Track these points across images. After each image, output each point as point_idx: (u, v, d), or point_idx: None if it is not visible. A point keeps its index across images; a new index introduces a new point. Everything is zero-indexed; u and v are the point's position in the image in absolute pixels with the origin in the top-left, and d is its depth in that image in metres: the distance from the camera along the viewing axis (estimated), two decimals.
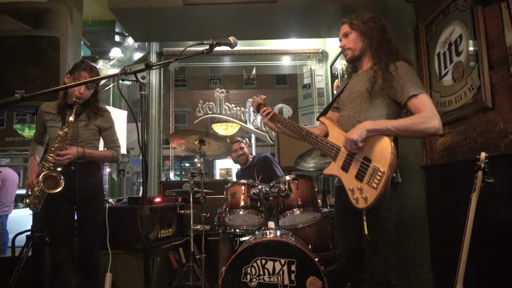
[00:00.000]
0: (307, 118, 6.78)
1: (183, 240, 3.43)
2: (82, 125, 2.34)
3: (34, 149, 2.42)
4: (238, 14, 3.80)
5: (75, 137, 2.30)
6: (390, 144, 1.58)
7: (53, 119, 2.33)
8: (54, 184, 2.14)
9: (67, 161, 2.22)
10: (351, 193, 1.67)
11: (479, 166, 1.75)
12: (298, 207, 2.51)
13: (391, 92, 1.71)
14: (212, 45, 1.68)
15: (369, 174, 1.61)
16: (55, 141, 2.19)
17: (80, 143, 2.31)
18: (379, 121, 1.66)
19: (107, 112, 2.49)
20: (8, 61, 2.56)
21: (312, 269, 2.12)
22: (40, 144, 2.46)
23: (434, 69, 2.92)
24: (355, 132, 1.63)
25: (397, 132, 1.62)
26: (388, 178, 1.55)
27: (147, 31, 4.29)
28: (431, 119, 1.58)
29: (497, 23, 2.19)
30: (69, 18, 2.81)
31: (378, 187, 1.56)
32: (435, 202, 2.95)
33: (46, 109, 2.37)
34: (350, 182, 1.69)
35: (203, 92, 13.53)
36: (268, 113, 2.10)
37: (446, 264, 2.79)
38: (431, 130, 1.59)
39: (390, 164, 1.55)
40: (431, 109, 1.61)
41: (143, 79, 1.55)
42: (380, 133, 1.63)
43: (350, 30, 1.87)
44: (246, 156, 3.80)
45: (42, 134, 2.44)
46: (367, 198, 1.60)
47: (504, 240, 2.11)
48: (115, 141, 2.51)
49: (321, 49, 5.80)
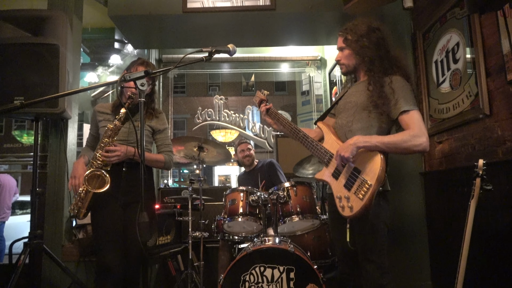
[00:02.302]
0: (305, 124, 6.78)
1: (181, 247, 3.40)
2: (135, 125, 2.20)
3: (84, 150, 2.34)
4: (237, 21, 3.82)
5: (127, 136, 2.21)
6: (380, 159, 1.63)
7: (107, 119, 2.26)
8: (100, 184, 2.03)
9: (115, 158, 2.07)
10: (338, 201, 1.73)
11: (477, 173, 1.76)
12: (297, 214, 2.51)
13: (384, 107, 1.75)
14: (211, 53, 1.70)
15: (357, 184, 1.66)
16: (105, 136, 2.08)
17: (132, 143, 2.19)
18: (369, 137, 1.70)
19: (162, 114, 2.41)
20: (7, 68, 2.56)
21: (311, 277, 2.11)
22: (92, 149, 2.31)
23: (432, 76, 2.94)
24: (347, 150, 1.67)
25: (386, 148, 1.66)
26: (374, 191, 1.60)
27: (147, 39, 4.31)
28: (418, 137, 1.63)
29: (493, 31, 2.21)
30: (69, 26, 2.82)
31: (364, 198, 1.61)
32: (433, 209, 2.95)
33: (100, 109, 2.32)
34: (338, 190, 1.75)
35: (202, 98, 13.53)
36: (266, 109, 2.16)
37: (445, 271, 2.78)
38: (417, 148, 1.64)
39: (378, 178, 1.60)
40: (419, 126, 1.66)
41: (142, 86, 1.56)
42: (370, 149, 1.67)
43: (344, 46, 1.91)
44: (252, 158, 3.77)
45: (95, 138, 2.35)
46: (352, 208, 1.65)
47: (503, 247, 2.11)
48: (168, 145, 2.40)
49: (320, 56, 5.83)
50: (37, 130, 2.78)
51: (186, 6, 3.60)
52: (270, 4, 3.60)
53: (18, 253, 2.64)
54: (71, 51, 2.88)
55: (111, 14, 3.59)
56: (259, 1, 3.63)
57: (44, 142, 3.07)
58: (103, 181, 2.04)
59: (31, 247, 2.59)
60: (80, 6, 3.47)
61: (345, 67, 1.95)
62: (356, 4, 3.01)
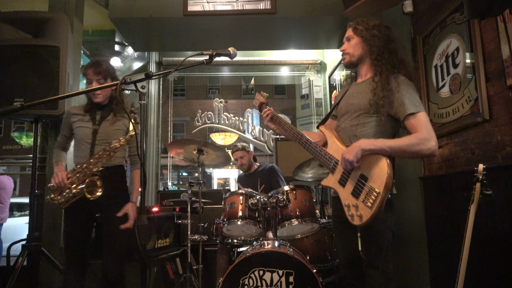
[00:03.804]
0: (305, 128, 6.79)
1: (180, 250, 3.40)
2: (108, 124, 2.32)
3: (58, 155, 2.37)
4: (238, 25, 3.83)
5: (107, 137, 2.28)
6: (387, 165, 1.57)
7: (81, 119, 2.32)
8: (91, 190, 2.15)
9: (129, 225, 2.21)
10: (347, 209, 1.67)
11: (477, 178, 1.75)
12: (296, 218, 2.50)
13: (389, 109, 1.71)
14: (212, 56, 1.70)
15: (364, 192, 1.61)
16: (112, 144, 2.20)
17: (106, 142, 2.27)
18: (375, 141, 1.65)
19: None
20: (8, 69, 2.57)
21: (310, 281, 2.10)
22: (64, 151, 2.41)
23: (432, 81, 2.95)
24: (351, 153, 1.62)
25: (392, 152, 1.61)
26: (383, 199, 1.55)
27: (147, 41, 4.32)
28: (427, 140, 1.57)
29: (493, 36, 2.22)
30: (69, 28, 2.83)
31: (373, 207, 1.55)
32: (433, 213, 2.94)
33: (73, 111, 2.36)
34: (346, 198, 1.69)
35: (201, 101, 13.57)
36: (268, 114, 2.13)
37: (445, 276, 2.77)
38: (426, 152, 1.59)
39: (385, 185, 1.54)
40: (427, 130, 1.60)
41: (143, 89, 1.56)
42: (376, 153, 1.62)
43: (353, 35, 1.87)
44: (247, 165, 3.75)
45: (67, 139, 2.40)
46: (362, 216, 1.59)
47: (503, 252, 2.10)
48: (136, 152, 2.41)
49: (320, 60, 5.84)
50: (36, 132, 2.78)
51: (186, 9, 3.62)
52: (270, 8, 3.62)
53: (16, 255, 2.63)
54: (72, 53, 2.89)
55: (112, 16, 3.61)
56: (260, 5, 3.65)
57: (44, 144, 3.07)
58: (94, 187, 2.16)
59: (29, 249, 2.58)
60: (81, 8, 3.48)
61: (349, 56, 1.87)
62: (356, 8, 3.02)
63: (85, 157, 2.25)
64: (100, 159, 2.20)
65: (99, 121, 2.30)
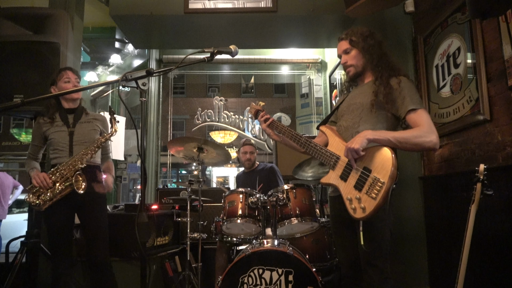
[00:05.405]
0: (305, 127, 6.79)
1: (179, 248, 3.39)
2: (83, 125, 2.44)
3: (32, 164, 2.41)
4: (239, 23, 3.82)
5: (84, 137, 2.40)
6: (391, 155, 1.59)
7: (55, 125, 2.38)
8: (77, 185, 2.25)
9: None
10: (349, 203, 1.66)
11: (478, 178, 1.75)
12: (296, 217, 2.50)
13: (391, 106, 1.74)
14: (213, 53, 1.69)
15: (368, 184, 1.61)
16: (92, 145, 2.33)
17: (86, 143, 2.39)
18: (380, 132, 1.69)
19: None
20: (8, 65, 2.56)
21: (310, 280, 2.10)
22: (36, 161, 2.45)
23: (433, 80, 2.95)
24: (356, 141, 1.64)
25: (397, 143, 1.63)
26: (388, 189, 1.55)
27: (148, 38, 4.31)
28: (429, 133, 1.62)
29: (495, 36, 2.22)
30: (69, 24, 2.81)
31: (377, 197, 1.56)
32: (433, 214, 2.94)
33: (42, 120, 2.40)
34: (348, 192, 1.69)
35: (201, 99, 13.56)
36: (266, 119, 2.12)
37: (444, 276, 2.77)
38: (428, 144, 1.63)
39: (390, 175, 1.55)
40: (429, 124, 1.65)
41: (143, 86, 1.56)
42: (380, 143, 1.65)
43: (350, 47, 1.90)
44: (252, 162, 3.75)
45: (39, 149, 2.45)
46: (365, 208, 1.59)
47: (503, 252, 2.10)
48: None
49: (320, 59, 5.83)
50: None
51: (187, 7, 3.61)
52: (271, 6, 3.61)
53: (15, 252, 2.63)
54: (72, 50, 2.88)
55: (113, 13, 3.59)
56: (261, 3, 3.64)
57: None
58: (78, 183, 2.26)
59: (28, 246, 2.58)
60: (82, 4, 3.47)
61: (353, 68, 1.90)
62: (358, 7, 3.01)
63: (64, 158, 2.33)
64: (85, 155, 2.29)
65: (73, 124, 2.39)
